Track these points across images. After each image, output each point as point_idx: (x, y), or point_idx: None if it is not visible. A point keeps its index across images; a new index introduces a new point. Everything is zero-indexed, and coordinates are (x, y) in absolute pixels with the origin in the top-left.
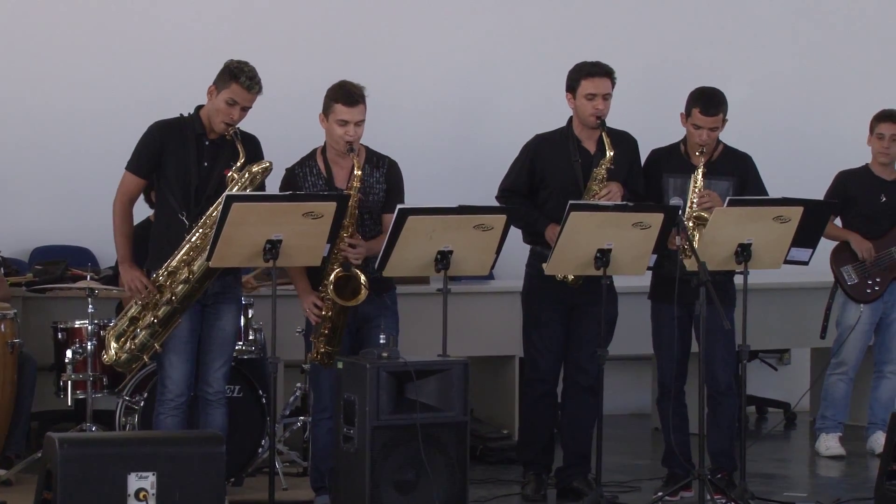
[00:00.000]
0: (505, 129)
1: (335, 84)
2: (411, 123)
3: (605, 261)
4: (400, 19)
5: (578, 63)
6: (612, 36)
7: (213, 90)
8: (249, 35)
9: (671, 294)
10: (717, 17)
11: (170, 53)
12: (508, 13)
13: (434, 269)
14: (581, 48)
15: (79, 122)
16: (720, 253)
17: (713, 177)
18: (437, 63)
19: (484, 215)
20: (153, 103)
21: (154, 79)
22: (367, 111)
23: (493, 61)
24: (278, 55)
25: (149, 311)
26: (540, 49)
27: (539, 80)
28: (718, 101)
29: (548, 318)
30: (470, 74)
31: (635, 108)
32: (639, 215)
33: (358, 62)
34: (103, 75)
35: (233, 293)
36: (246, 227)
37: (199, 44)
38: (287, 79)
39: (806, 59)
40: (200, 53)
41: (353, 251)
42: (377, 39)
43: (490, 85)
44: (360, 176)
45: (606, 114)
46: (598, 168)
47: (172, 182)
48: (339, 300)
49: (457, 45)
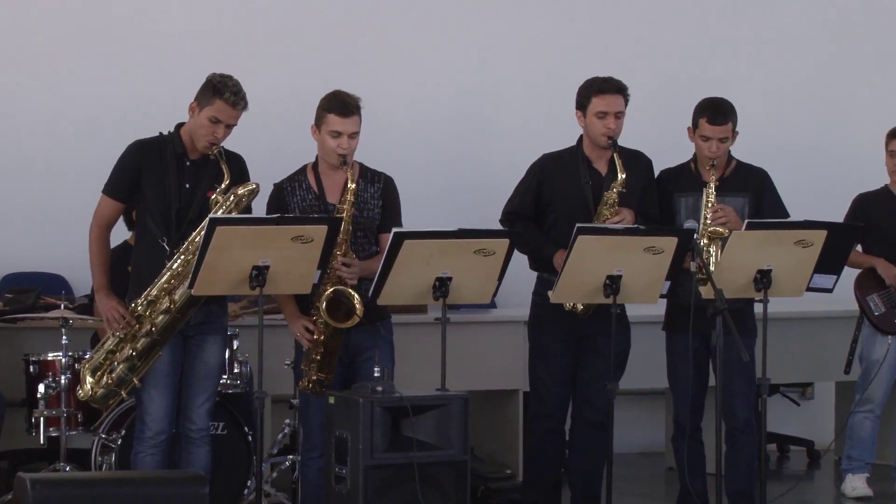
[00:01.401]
0: (509, 148)
1: (329, 93)
2: (407, 139)
3: (615, 288)
4: (396, 29)
5: (589, 79)
6: (623, 49)
7: (194, 107)
8: (235, 46)
9: (686, 324)
10: (731, 29)
11: (150, 68)
12: (512, 23)
13: (432, 296)
14: (590, 62)
15: (52, 139)
16: (738, 279)
17: (726, 193)
18: (436, 75)
19: (486, 239)
20: (132, 121)
21: (133, 95)
22: (361, 124)
23: (496, 74)
24: (267, 67)
25: (127, 342)
26: (546, 62)
27: (546, 95)
28: (726, 109)
29: (555, 349)
30: (471, 87)
31: (648, 126)
32: (651, 239)
33: (352, 74)
34: (78, 91)
35: (217, 323)
36: (231, 253)
37: (181, 57)
38: (276, 93)
39: (823, 73)
40: (183, 67)
41: (347, 270)
42: (372, 50)
43: (493, 99)
44: (354, 189)
45: (619, 133)
46: (610, 192)
47: (152, 205)
48: (332, 321)
49: (457, 57)
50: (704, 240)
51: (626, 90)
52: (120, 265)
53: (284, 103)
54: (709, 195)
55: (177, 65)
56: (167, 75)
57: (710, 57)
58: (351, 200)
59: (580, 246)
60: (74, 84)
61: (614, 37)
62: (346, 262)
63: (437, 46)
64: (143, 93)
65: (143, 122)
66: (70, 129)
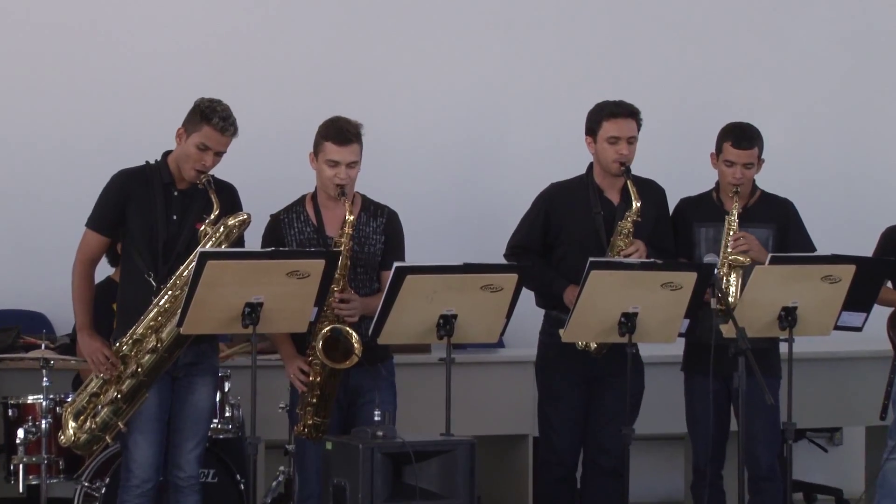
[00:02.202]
0: (518, 176)
1: (327, 120)
2: (410, 167)
3: (631, 326)
4: (399, 51)
5: (599, 102)
6: (637, 72)
7: (181, 133)
8: (228, 69)
9: (706, 364)
10: (752, 50)
11: (137, 92)
12: (519, 46)
13: (436, 335)
14: (601, 85)
15: (32, 167)
16: (762, 317)
17: (750, 224)
18: (441, 99)
19: (492, 274)
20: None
21: (119, 121)
22: (362, 153)
23: (502, 99)
24: (262, 91)
25: (111, 384)
26: (555, 86)
27: (554, 120)
28: (752, 134)
29: (566, 391)
30: (478, 112)
31: (662, 154)
32: (668, 274)
33: (352, 97)
34: (61, 116)
35: (207, 364)
36: (222, 289)
37: (170, 81)
38: (272, 118)
39: (848, 94)
40: (172, 91)
41: (346, 307)
42: (373, 73)
43: (501, 125)
44: (353, 222)
45: (631, 159)
46: (624, 221)
47: (138, 238)
48: (329, 362)
49: (463, 80)
50: (724, 269)
51: (638, 114)
52: (103, 303)
53: (281, 129)
54: (731, 223)
55: (165, 89)
56: (155, 100)
57: (727, 80)
58: (349, 234)
59: (593, 281)
60: (57, 109)
61: (629, 58)
62: (344, 298)
63: (442, 69)
64: (129, 119)
65: (129, 150)
66: (51, 156)
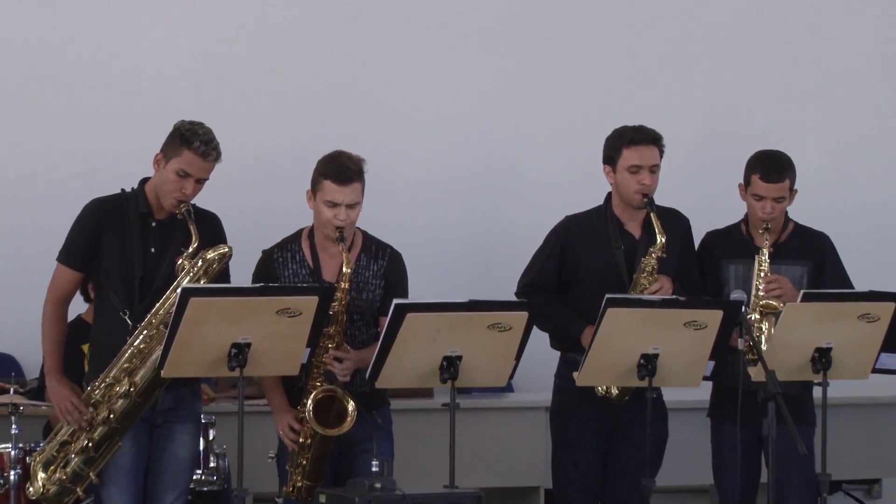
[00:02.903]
0: (527, 209)
1: (326, 156)
2: (411, 199)
3: (651, 369)
4: (397, 71)
5: (618, 128)
6: (660, 94)
7: (160, 159)
8: (211, 90)
9: (733, 411)
10: (786, 72)
11: (115, 116)
12: (532, 66)
13: (439, 378)
14: (623, 110)
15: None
16: (794, 359)
17: (783, 261)
18: (443, 125)
19: (501, 312)
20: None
21: (94, 147)
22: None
23: (513, 123)
24: (246, 114)
25: (82, 432)
26: (571, 110)
27: (570, 147)
28: (783, 164)
29: (582, 440)
30: (484, 139)
31: (686, 183)
32: (692, 312)
33: (346, 122)
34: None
35: (189, 409)
36: (207, 328)
37: (148, 103)
38: (257, 143)
39: (893, 122)
40: (150, 114)
41: (340, 366)
42: (370, 95)
43: (509, 153)
44: (350, 275)
45: (654, 190)
46: (647, 257)
47: (113, 273)
48: (321, 428)
49: (468, 103)
50: (756, 314)
51: (660, 140)
52: (72, 344)
53: (269, 155)
54: (762, 262)
55: (143, 112)
56: (131, 124)
57: (759, 103)
58: (345, 288)
59: (610, 320)
60: (26, 133)
61: (651, 81)
62: (338, 356)
63: (447, 91)
64: (103, 145)
65: (103, 178)
66: (20, 185)
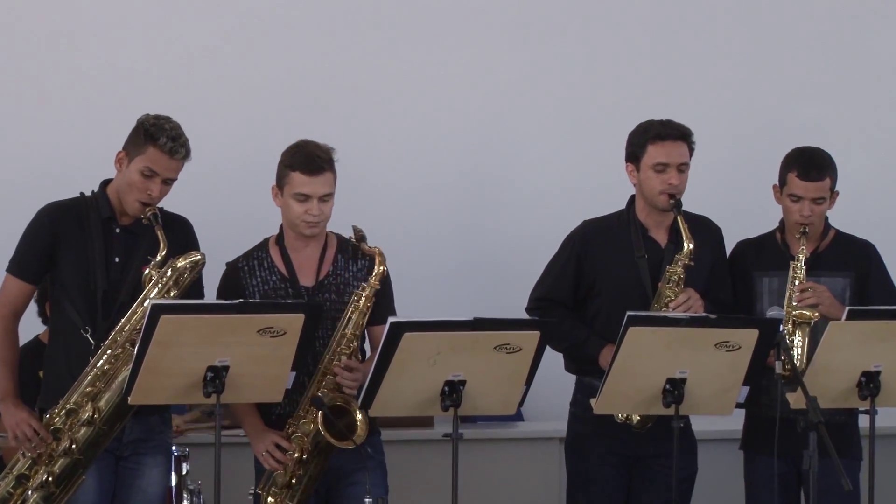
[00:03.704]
0: (535, 215)
1: (292, 146)
2: (403, 206)
3: (678, 395)
4: (387, 66)
5: (643, 122)
6: (683, 87)
7: (122, 158)
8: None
9: (770, 442)
10: (825, 63)
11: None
12: (537, 58)
13: (440, 406)
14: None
15: None
16: (838, 384)
17: (822, 272)
18: (439, 124)
19: (509, 332)
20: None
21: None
22: (337, 182)
23: (516, 122)
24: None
25: (41, 465)
26: (581, 107)
27: (582, 148)
28: (822, 162)
29: (602, 474)
30: (483, 139)
31: (717, 187)
32: (723, 332)
33: (328, 122)
34: None
35: (158, 440)
36: (179, 349)
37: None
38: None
39: None
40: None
41: (350, 376)
42: (355, 93)
43: (513, 153)
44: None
45: (682, 191)
46: (673, 266)
47: (71, 286)
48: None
49: (465, 100)
50: (788, 326)
51: (690, 136)
52: (29, 369)
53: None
54: (796, 269)
55: (103, 108)
56: (90, 120)
57: (798, 98)
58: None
59: (632, 340)
60: None
61: (673, 73)
62: (350, 366)
63: (440, 88)
64: (63, 143)
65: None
66: None
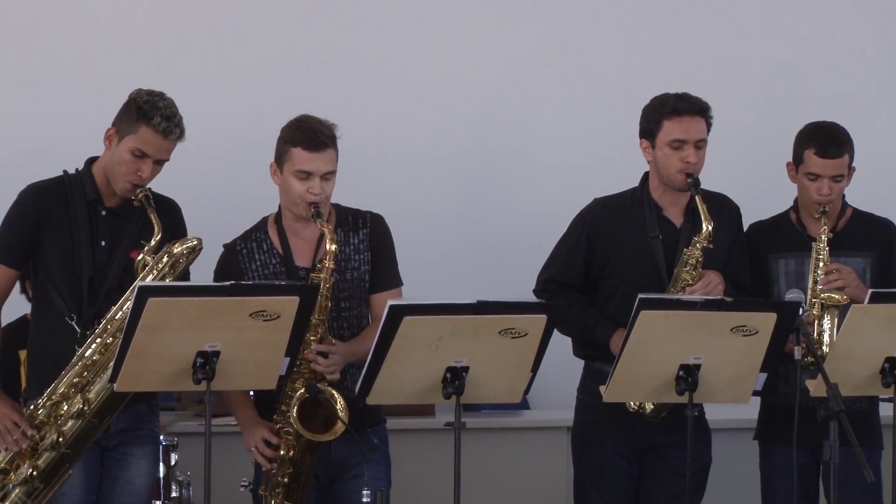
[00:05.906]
0: (545, 193)
1: (293, 121)
2: (406, 183)
3: (692, 383)
4: (390, 37)
5: (658, 96)
6: (698, 58)
7: (112, 135)
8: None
9: (788, 431)
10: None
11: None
12: (547, 27)
13: (442, 393)
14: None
15: None
16: (859, 371)
17: (841, 252)
18: (444, 98)
19: (515, 315)
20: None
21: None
22: (339, 160)
23: (525, 96)
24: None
25: (25, 459)
26: (592, 78)
27: (593, 122)
28: (840, 137)
29: (610, 465)
30: (491, 114)
31: (735, 163)
32: (740, 316)
33: (330, 96)
34: None
35: (146, 430)
36: (168, 334)
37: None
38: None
39: None
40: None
41: (325, 362)
42: (358, 64)
43: (522, 128)
44: (334, 253)
45: (700, 169)
46: (691, 248)
47: (56, 272)
48: (307, 432)
49: (472, 73)
50: (815, 310)
51: (708, 111)
52: (10, 352)
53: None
54: (820, 251)
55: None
56: (77, 98)
57: (816, 68)
58: (330, 268)
59: (644, 324)
60: None
61: (687, 42)
62: (323, 350)
63: (445, 59)
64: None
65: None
66: None
